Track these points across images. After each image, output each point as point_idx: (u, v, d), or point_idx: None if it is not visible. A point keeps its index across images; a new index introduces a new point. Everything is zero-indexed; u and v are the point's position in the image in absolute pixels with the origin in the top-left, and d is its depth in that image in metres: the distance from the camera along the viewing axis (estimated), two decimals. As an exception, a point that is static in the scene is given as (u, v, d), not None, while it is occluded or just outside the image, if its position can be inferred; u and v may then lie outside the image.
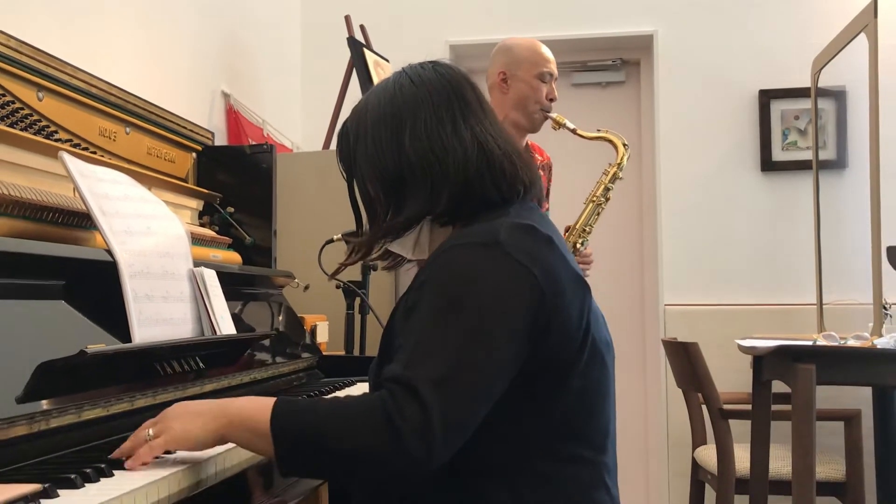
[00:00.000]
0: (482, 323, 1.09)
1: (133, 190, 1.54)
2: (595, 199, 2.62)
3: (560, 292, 1.13)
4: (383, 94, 1.29)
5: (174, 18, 2.75)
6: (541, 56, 2.52)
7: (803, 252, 3.58)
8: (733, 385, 3.26)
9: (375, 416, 1.05)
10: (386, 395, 1.06)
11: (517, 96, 2.51)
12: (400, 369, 1.08)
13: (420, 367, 1.07)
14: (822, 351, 2.49)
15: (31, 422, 1.08)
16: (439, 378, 1.06)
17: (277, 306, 2.06)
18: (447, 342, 1.08)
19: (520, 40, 2.59)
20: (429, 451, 1.04)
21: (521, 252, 1.13)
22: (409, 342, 1.12)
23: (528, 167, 1.28)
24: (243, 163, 2.17)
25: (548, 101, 2.51)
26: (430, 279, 1.16)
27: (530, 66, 2.50)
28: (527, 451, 1.15)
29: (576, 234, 2.59)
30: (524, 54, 2.52)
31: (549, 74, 2.51)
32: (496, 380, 1.10)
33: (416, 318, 1.14)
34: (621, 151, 2.64)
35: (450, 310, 1.10)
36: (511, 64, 2.52)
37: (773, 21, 3.77)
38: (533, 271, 1.12)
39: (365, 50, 3.05)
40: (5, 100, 1.49)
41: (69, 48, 1.93)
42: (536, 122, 2.54)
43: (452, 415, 1.05)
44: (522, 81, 2.50)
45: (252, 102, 3.28)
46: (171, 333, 1.44)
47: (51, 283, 1.28)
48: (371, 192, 1.28)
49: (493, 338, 1.09)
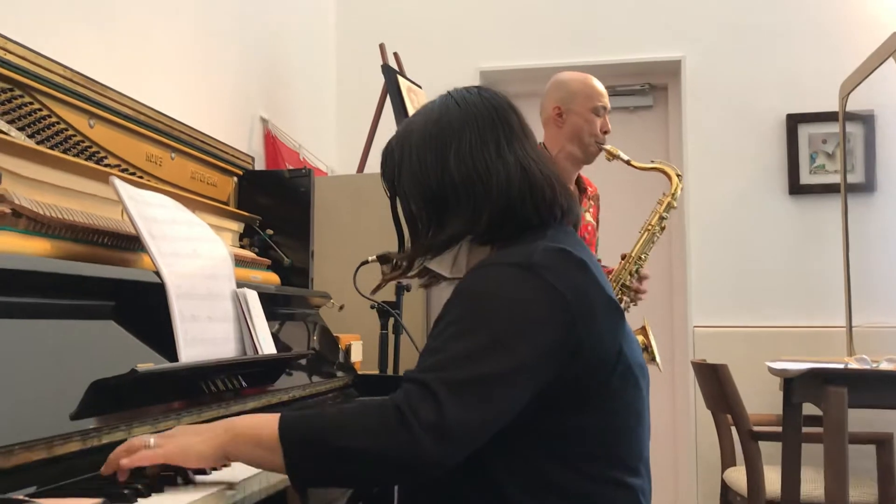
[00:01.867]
0: (504, 335, 1.10)
1: (179, 213, 1.59)
2: (650, 228, 2.65)
3: (592, 316, 1.15)
4: (429, 115, 1.31)
5: (216, 47, 2.83)
6: (595, 90, 2.57)
7: (832, 274, 3.57)
8: (763, 407, 3.25)
9: (388, 414, 1.06)
10: (399, 395, 1.08)
11: (572, 130, 2.55)
12: (417, 371, 1.10)
13: (437, 370, 1.09)
14: (854, 374, 2.49)
15: (84, 438, 1.11)
16: (455, 381, 1.07)
17: (314, 326, 2.10)
18: (467, 349, 1.10)
19: (573, 75, 2.63)
20: (441, 449, 1.05)
21: (553, 274, 1.14)
22: (432, 347, 1.14)
23: (566, 192, 1.30)
24: (282, 186, 2.22)
25: (602, 133, 2.56)
26: (459, 292, 1.18)
27: (584, 101, 2.55)
28: (560, 472, 1.15)
29: (632, 261, 2.61)
30: (578, 88, 2.57)
31: (603, 108, 2.56)
32: (514, 389, 1.10)
33: (440, 327, 1.16)
34: (675, 181, 2.68)
35: (473, 320, 1.12)
36: (565, 98, 2.56)
37: (800, 46, 3.78)
38: (564, 294, 1.13)
39: (399, 77, 3.11)
40: (59, 127, 1.55)
41: (117, 76, 2.00)
42: (591, 154, 2.58)
43: (466, 417, 1.06)
44: (577, 115, 2.54)
45: (289, 128, 3.36)
46: (215, 353, 1.48)
47: (101, 303, 1.32)
48: (413, 209, 1.31)
49: (513, 350, 1.10)
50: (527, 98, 3.98)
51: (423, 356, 1.14)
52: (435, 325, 1.25)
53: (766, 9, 3.83)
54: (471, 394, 1.07)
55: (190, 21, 2.65)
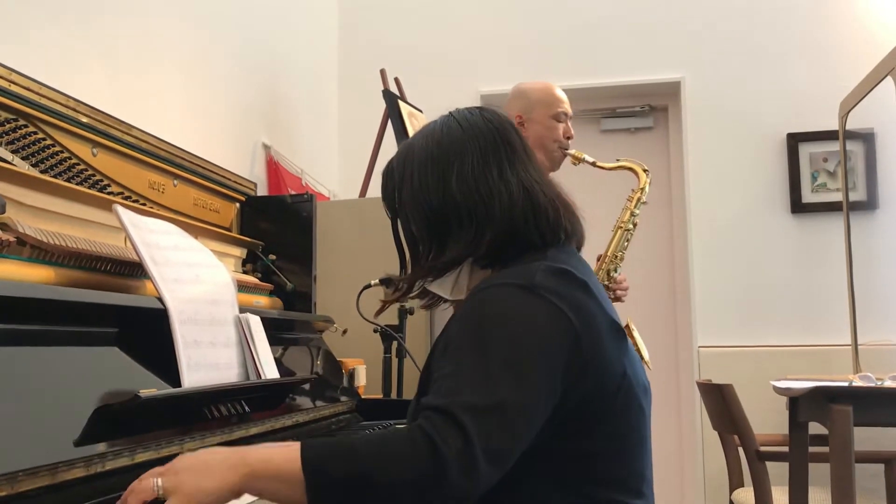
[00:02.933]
0: (518, 356, 1.08)
1: (182, 240, 1.60)
2: (622, 225, 2.65)
3: (596, 336, 1.14)
4: (430, 136, 1.30)
5: (217, 75, 2.85)
6: (554, 97, 2.58)
7: (836, 293, 3.57)
8: (769, 427, 3.24)
9: (418, 445, 1.02)
10: (425, 424, 1.04)
11: (535, 138, 2.54)
12: (438, 398, 1.07)
13: (459, 396, 1.06)
14: (859, 392, 2.48)
15: (88, 464, 1.10)
16: (478, 406, 1.04)
17: (317, 350, 2.10)
18: (485, 373, 1.07)
19: (533, 84, 2.65)
20: (471, 478, 1.02)
21: (556, 295, 1.13)
22: (446, 373, 1.11)
23: (570, 213, 1.29)
24: (284, 212, 2.23)
25: (565, 138, 2.57)
26: (465, 314, 1.16)
27: (545, 108, 2.56)
28: (564, 495, 1.14)
29: (608, 261, 2.62)
30: (538, 96, 2.58)
31: (564, 114, 2.57)
32: (534, 413, 1.09)
33: (451, 352, 1.13)
34: (642, 177, 2.68)
35: (486, 343, 1.10)
36: (526, 108, 2.57)
37: (799, 65, 3.81)
38: (568, 314, 1.12)
39: (399, 101, 3.13)
40: (63, 156, 1.56)
41: (120, 105, 2.02)
42: (556, 160, 2.59)
43: (493, 443, 1.04)
44: (539, 123, 2.55)
45: (291, 153, 3.38)
46: (218, 378, 1.48)
47: (104, 330, 1.32)
48: (414, 230, 1.29)
49: (528, 371, 1.08)
50: (527, 121, 3.99)
51: (439, 381, 1.11)
52: (436, 345, 1.24)
53: (764, 29, 3.86)
54: (496, 419, 1.05)
55: (191, 49, 2.68)
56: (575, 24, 4.07)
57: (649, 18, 3.99)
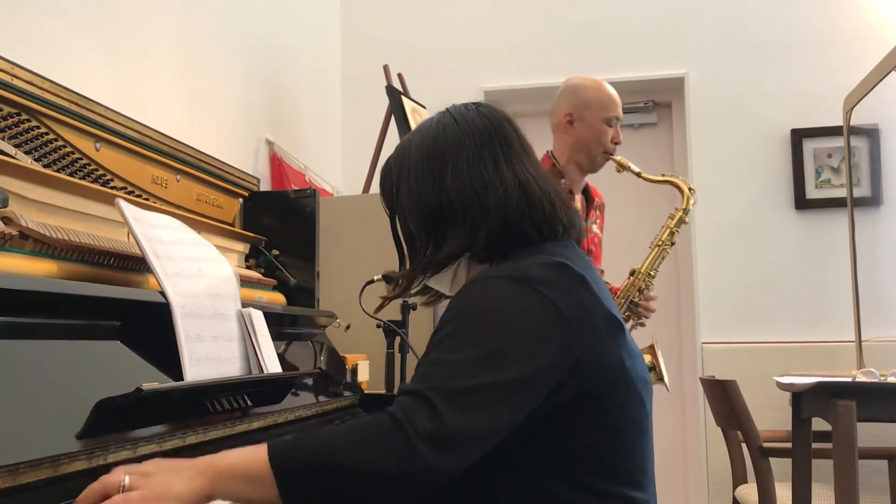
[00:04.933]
0: (501, 347, 1.09)
1: (185, 234, 1.61)
2: (661, 244, 2.58)
3: (592, 331, 1.13)
4: (427, 133, 1.31)
5: (221, 71, 2.86)
6: (609, 99, 2.49)
7: (840, 289, 3.57)
8: (773, 423, 3.24)
9: (383, 426, 1.04)
10: (393, 408, 1.05)
11: (582, 139, 2.48)
12: (412, 384, 1.08)
13: (432, 379, 1.07)
14: (862, 387, 2.47)
15: (90, 457, 1.11)
16: (451, 389, 1.05)
17: (320, 345, 2.11)
18: (463, 360, 1.08)
19: (587, 81, 2.54)
20: (440, 457, 1.02)
21: (549, 288, 1.13)
22: (425, 360, 1.13)
23: (567, 207, 1.29)
24: (287, 207, 2.23)
25: (612, 144, 2.49)
26: (454, 305, 1.17)
27: (598, 110, 2.47)
28: (564, 488, 1.14)
29: (641, 277, 2.55)
30: (593, 96, 2.49)
31: (616, 118, 2.49)
32: (511, 403, 1.08)
33: (437, 340, 1.14)
34: (687, 195, 2.60)
35: (469, 332, 1.11)
36: (578, 106, 2.48)
37: (803, 61, 3.80)
38: (561, 308, 1.12)
39: (403, 97, 3.13)
40: (66, 150, 1.57)
41: (123, 99, 2.03)
42: (598, 164, 2.52)
43: (463, 424, 1.04)
44: (588, 125, 2.47)
45: (294, 149, 3.38)
46: (220, 372, 1.48)
47: (107, 323, 1.33)
48: (412, 227, 1.30)
49: (510, 363, 1.08)
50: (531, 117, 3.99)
51: (417, 368, 1.13)
52: (431, 338, 1.24)
53: (767, 24, 3.86)
54: (467, 402, 1.05)
55: (195, 44, 2.68)
56: (578, 19, 4.06)
57: (652, 14, 3.99)
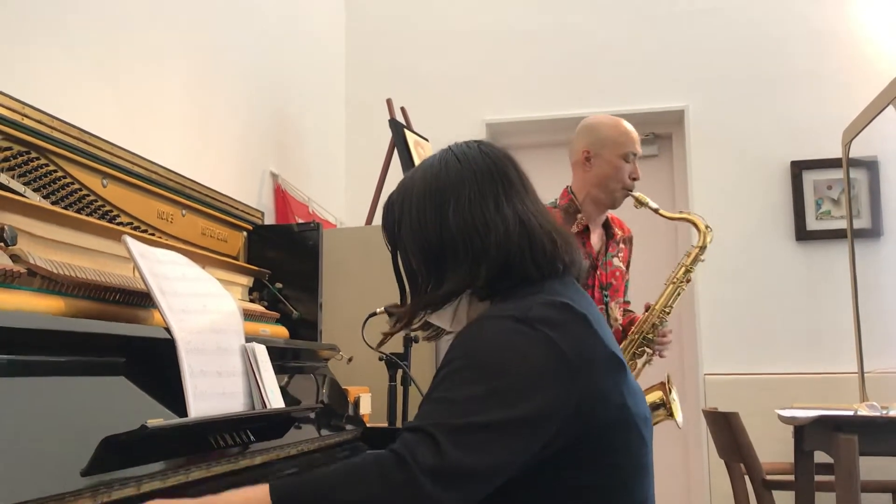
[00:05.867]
0: (504, 387, 1.09)
1: (190, 270, 1.62)
2: (675, 281, 2.61)
3: (593, 369, 1.14)
4: (429, 170, 1.32)
5: (226, 105, 2.89)
6: (626, 136, 2.52)
7: (842, 320, 3.57)
8: (776, 455, 3.23)
9: (386, 462, 1.04)
10: (396, 444, 1.06)
11: (600, 175, 2.51)
12: (415, 421, 1.09)
13: (436, 417, 1.07)
14: (864, 421, 2.48)
15: (94, 494, 1.10)
16: (454, 427, 1.06)
17: (322, 378, 2.11)
18: (466, 399, 1.08)
19: (604, 119, 2.59)
20: (442, 493, 1.02)
21: (551, 327, 1.13)
22: (430, 398, 1.13)
23: (568, 245, 1.30)
24: (291, 240, 2.25)
25: (630, 180, 2.52)
26: (457, 344, 1.17)
27: (615, 147, 2.51)
28: None
29: (655, 314, 2.57)
30: (609, 133, 2.53)
31: (633, 154, 2.52)
32: (515, 443, 1.08)
33: (440, 380, 1.14)
34: (703, 232, 2.62)
35: (472, 372, 1.11)
36: (595, 143, 2.52)
37: (801, 94, 3.83)
38: (563, 348, 1.12)
39: (406, 131, 3.17)
40: (74, 187, 1.59)
41: (129, 135, 2.05)
42: (617, 200, 2.55)
43: (466, 461, 1.04)
44: (606, 161, 2.50)
45: (298, 181, 3.41)
46: (224, 407, 1.49)
47: (113, 359, 1.34)
48: (413, 264, 1.31)
49: (513, 403, 1.08)
50: (533, 149, 4.05)
51: (420, 406, 1.14)
52: (434, 377, 1.25)
53: (767, 57, 3.90)
54: (471, 440, 1.05)
55: (200, 78, 2.72)
56: (579, 52, 4.11)
57: (652, 47, 4.03)
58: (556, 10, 4.15)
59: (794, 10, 3.90)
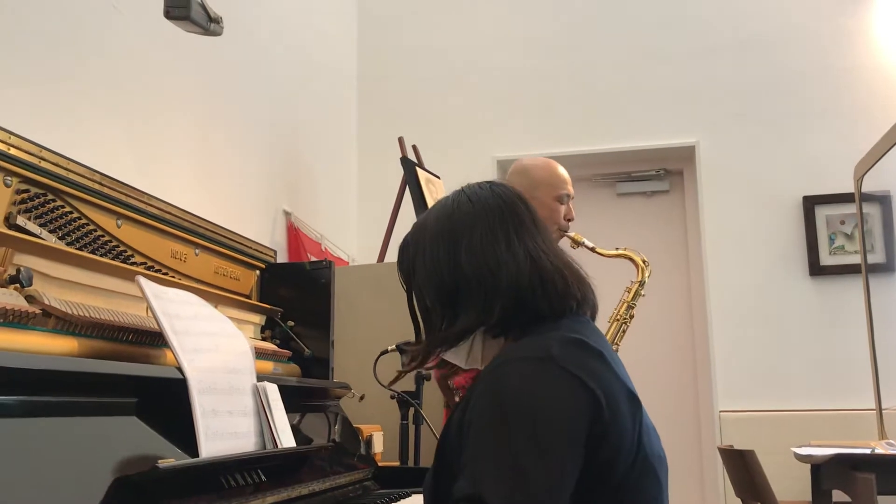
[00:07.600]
0: (543, 434, 1.09)
1: (202, 309, 1.63)
2: (619, 318, 2.58)
3: (615, 406, 1.14)
4: (442, 211, 1.35)
5: (240, 145, 2.93)
6: (559, 178, 2.50)
7: (858, 355, 3.54)
8: (793, 493, 3.19)
9: None
10: None
11: None
12: (469, 487, 1.08)
13: (488, 483, 1.07)
14: (882, 460, 2.45)
15: (106, 535, 1.12)
16: (508, 492, 1.06)
17: (334, 417, 2.11)
18: (510, 455, 1.08)
19: (536, 161, 2.57)
20: None
21: (575, 365, 1.14)
22: (472, 456, 1.12)
23: (580, 283, 1.31)
24: (303, 278, 2.26)
25: (566, 221, 2.50)
26: (484, 393, 1.17)
27: (548, 189, 2.48)
28: None
29: None
30: (542, 176, 2.50)
31: (567, 195, 2.50)
32: (562, 490, 1.09)
33: (475, 434, 1.14)
34: (641, 268, 2.62)
35: (509, 423, 1.10)
36: (529, 187, 2.46)
37: (813, 129, 3.84)
38: (588, 384, 1.12)
39: (417, 168, 3.19)
40: (88, 228, 1.61)
41: (144, 176, 2.08)
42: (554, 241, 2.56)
43: None
44: (541, 203, 2.44)
45: (311, 219, 3.43)
46: (235, 447, 1.49)
47: (125, 400, 1.34)
48: (428, 302, 1.33)
49: (555, 448, 1.08)
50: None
51: (467, 466, 1.13)
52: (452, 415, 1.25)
53: (777, 93, 3.91)
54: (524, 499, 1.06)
55: (213, 118, 2.75)
56: (590, 89, 4.14)
57: (663, 84, 4.06)
58: (566, 48, 4.19)
59: (805, 47, 3.93)
